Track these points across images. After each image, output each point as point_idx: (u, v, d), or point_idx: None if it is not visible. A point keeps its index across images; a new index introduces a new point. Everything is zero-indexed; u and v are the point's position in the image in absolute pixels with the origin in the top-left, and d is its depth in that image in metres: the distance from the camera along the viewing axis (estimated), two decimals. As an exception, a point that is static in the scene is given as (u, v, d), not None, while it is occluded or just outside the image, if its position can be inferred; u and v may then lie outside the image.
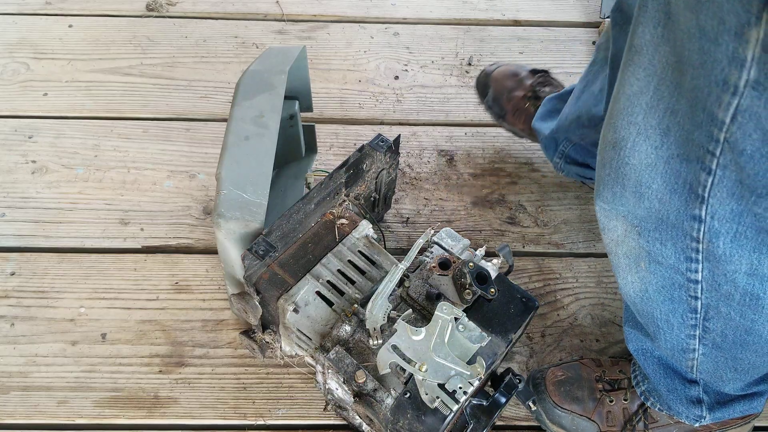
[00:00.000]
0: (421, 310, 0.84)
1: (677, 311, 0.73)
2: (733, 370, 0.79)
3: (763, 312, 0.68)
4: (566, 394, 0.97)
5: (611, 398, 0.96)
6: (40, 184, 1.24)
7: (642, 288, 0.74)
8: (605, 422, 0.95)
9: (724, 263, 0.64)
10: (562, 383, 0.98)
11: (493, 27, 1.55)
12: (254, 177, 0.89)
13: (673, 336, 0.77)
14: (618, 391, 0.96)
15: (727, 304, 0.69)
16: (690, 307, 0.72)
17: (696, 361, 0.79)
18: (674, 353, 0.80)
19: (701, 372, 0.81)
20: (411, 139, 1.34)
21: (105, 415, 1.00)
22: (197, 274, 1.14)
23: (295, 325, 0.85)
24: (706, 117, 0.56)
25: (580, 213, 1.25)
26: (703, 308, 0.71)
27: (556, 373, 0.99)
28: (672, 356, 0.82)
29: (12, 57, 1.42)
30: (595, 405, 0.96)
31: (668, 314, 0.74)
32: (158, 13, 1.52)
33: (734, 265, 0.64)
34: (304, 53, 1.05)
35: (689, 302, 0.72)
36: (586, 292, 1.15)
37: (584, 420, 0.96)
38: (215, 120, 1.35)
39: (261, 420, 1.00)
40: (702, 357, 0.78)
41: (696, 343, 0.76)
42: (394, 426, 0.76)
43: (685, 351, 0.78)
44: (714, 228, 0.62)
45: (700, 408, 0.87)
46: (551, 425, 0.98)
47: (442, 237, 0.92)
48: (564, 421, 0.97)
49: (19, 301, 1.10)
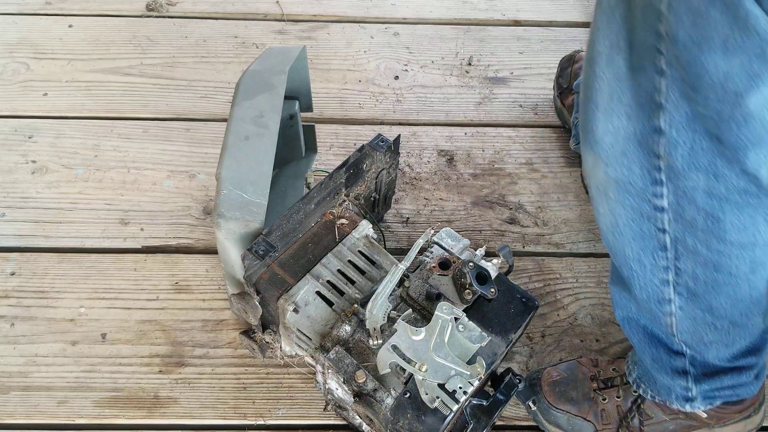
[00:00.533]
0: (421, 310, 0.84)
1: (648, 248, 0.74)
2: (712, 328, 0.79)
3: (726, 240, 0.69)
4: (561, 395, 0.97)
5: (604, 396, 0.96)
6: (40, 184, 1.24)
7: (613, 222, 0.75)
8: (600, 421, 0.96)
9: (684, 179, 0.65)
10: (557, 384, 0.98)
11: (493, 27, 1.55)
12: (254, 177, 0.89)
13: (647, 281, 0.77)
14: (611, 389, 0.96)
15: (693, 234, 0.70)
16: (659, 243, 0.73)
17: (674, 318, 0.79)
18: (651, 305, 0.80)
19: (681, 333, 0.81)
20: (411, 139, 1.34)
21: (105, 415, 1.00)
22: (197, 274, 1.14)
23: (295, 325, 0.85)
24: (651, 12, 0.58)
25: (580, 213, 1.25)
26: (672, 244, 0.72)
27: (551, 374, 0.99)
28: (650, 312, 0.81)
29: (12, 57, 1.42)
30: (589, 405, 0.96)
31: (639, 253, 0.75)
32: (158, 13, 1.52)
33: (693, 180, 0.65)
34: (304, 53, 1.05)
35: (658, 237, 0.72)
36: (586, 292, 1.15)
37: (580, 420, 0.96)
38: (215, 120, 1.35)
39: (261, 420, 1.00)
40: (679, 312, 0.78)
41: (670, 291, 0.76)
42: (394, 426, 0.76)
43: (661, 302, 0.78)
44: (673, 138, 0.63)
45: (686, 379, 0.86)
46: (548, 425, 0.98)
47: (442, 237, 0.92)
48: (560, 422, 0.97)
49: (19, 301, 1.10)
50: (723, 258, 0.71)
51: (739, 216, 0.67)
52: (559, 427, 0.97)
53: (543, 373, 1.00)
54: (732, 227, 0.67)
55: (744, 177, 0.63)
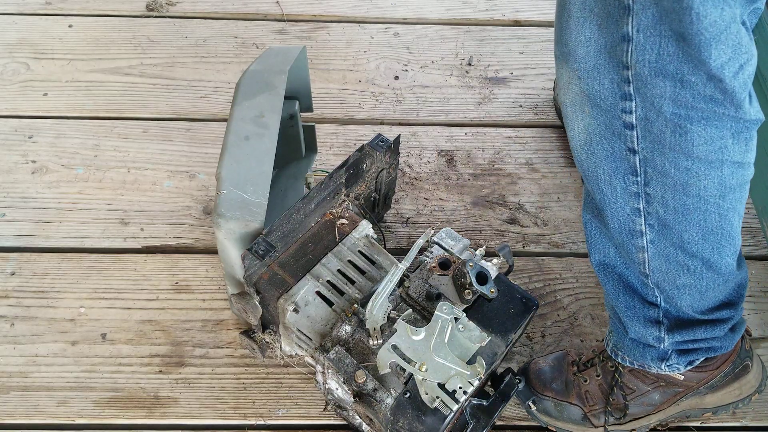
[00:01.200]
0: (421, 310, 0.84)
1: (619, 171, 0.74)
2: (685, 269, 0.79)
3: (693, 155, 0.69)
4: (545, 382, 0.98)
5: (585, 378, 0.97)
6: (40, 184, 1.24)
7: (587, 139, 0.75)
8: (587, 403, 0.96)
9: (652, 86, 0.66)
10: (542, 372, 0.99)
11: (493, 27, 1.55)
12: (254, 177, 0.89)
13: (618, 208, 0.77)
14: (589, 369, 0.97)
15: (662, 153, 0.70)
16: (630, 165, 0.73)
17: (647, 254, 0.79)
18: (623, 238, 0.80)
19: (654, 272, 0.80)
20: (411, 139, 1.34)
21: (105, 415, 1.00)
22: (197, 274, 1.14)
23: (295, 325, 0.85)
24: None
25: (580, 213, 1.25)
26: (641, 166, 0.72)
27: (538, 363, 1.01)
28: (623, 247, 0.81)
29: (12, 57, 1.42)
30: (571, 388, 0.97)
31: (611, 174, 0.75)
32: (158, 13, 1.52)
33: (660, 88, 0.65)
34: (304, 53, 1.05)
35: (628, 159, 0.73)
36: (586, 292, 1.15)
37: (566, 404, 0.97)
38: (215, 120, 1.35)
39: (261, 420, 1.00)
40: (651, 247, 0.78)
41: (642, 222, 0.77)
42: (394, 426, 0.76)
43: (633, 234, 0.78)
44: (640, 44, 0.64)
45: (659, 328, 0.86)
46: (539, 414, 0.99)
47: (442, 237, 0.93)
48: (548, 408, 0.98)
49: (19, 301, 1.10)
50: (691, 178, 0.71)
51: (705, 127, 0.67)
52: (548, 414, 0.98)
53: (531, 363, 1.01)
54: (699, 139, 0.68)
55: (710, 83, 0.64)
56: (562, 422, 0.98)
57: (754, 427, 1.02)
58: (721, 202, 0.73)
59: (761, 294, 1.15)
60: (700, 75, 0.63)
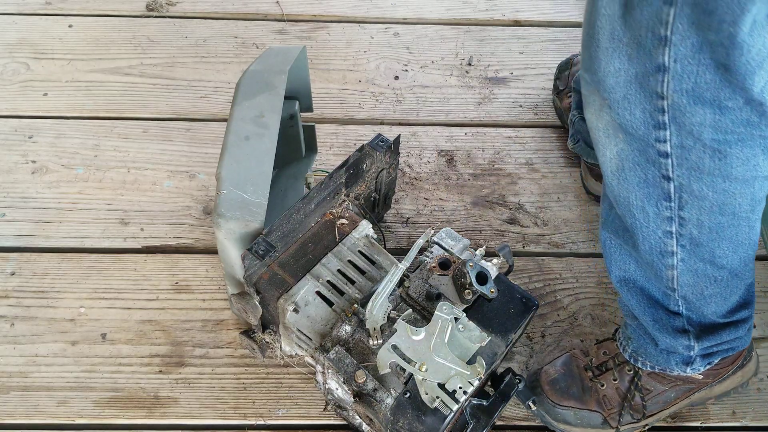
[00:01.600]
0: (421, 310, 0.84)
1: (652, 197, 0.74)
2: (713, 280, 0.80)
3: (731, 177, 0.69)
4: (562, 392, 0.98)
5: (602, 383, 0.97)
6: (40, 184, 1.24)
7: (619, 165, 0.75)
8: (605, 408, 0.96)
9: (690, 115, 0.65)
10: (556, 381, 0.99)
11: (493, 27, 1.55)
12: (254, 177, 0.89)
13: (650, 232, 0.77)
14: (605, 373, 0.97)
15: (699, 179, 0.70)
16: (663, 191, 0.73)
17: (676, 271, 0.79)
18: (653, 258, 0.80)
19: (682, 287, 0.81)
20: (411, 139, 1.34)
21: (105, 415, 1.00)
22: (197, 274, 1.14)
23: (295, 325, 0.85)
24: None
25: (580, 213, 1.25)
26: (676, 193, 0.72)
27: (549, 372, 1.00)
28: (651, 266, 0.81)
29: (12, 57, 1.42)
30: (590, 395, 0.97)
31: (643, 200, 0.75)
32: (158, 13, 1.52)
33: (699, 116, 0.65)
34: (304, 53, 1.05)
35: (662, 185, 0.72)
36: (586, 292, 1.15)
37: (586, 412, 0.97)
38: (215, 120, 1.35)
39: (261, 420, 1.00)
40: (681, 265, 0.79)
41: (674, 243, 0.77)
42: (394, 426, 0.76)
43: (664, 254, 0.78)
44: (677, 73, 0.63)
45: (687, 337, 0.87)
46: (557, 424, 0.98)
47: (442, 237, 0.92)
48: (568, 418, 0.97)
49: (19, 301, 1.10)
50: (728, 198, 0.71)
51: (743, 149, 0.67)
52: (567, 423, 0.98)
53: (541, 373, 1.00)
54: (737, 161, 0.68)
55: (747, 107, 0.64)
56: (581, 428, 0.98)
57: (754, 427, 1.03)
58: (751, 215, 0.74)
59: (761, 294, 1.15)
60: (737, 100, 0.63)
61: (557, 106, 1.37)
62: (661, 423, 1.02)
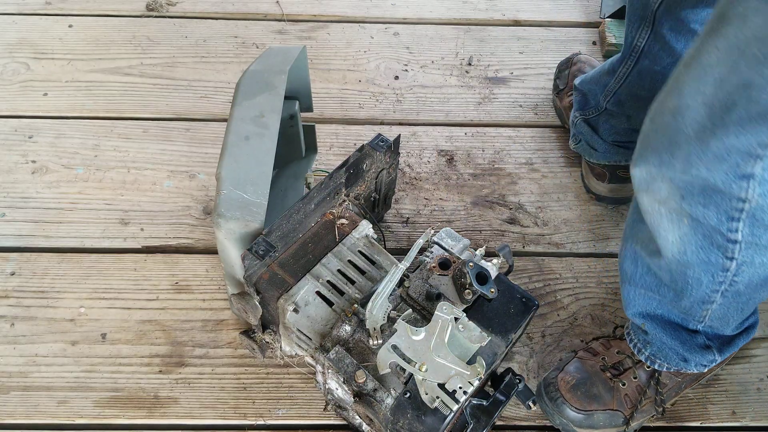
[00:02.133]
0: (421, 310, 0.84)
1: (710, 271, 0.75)
2: (740, 312, 0.82)
3: None
4: (585, 396, 0.97)
5: (623, 382, 0.97)
6: (40, 184, 1.24)
7: (681, 249, 0.75)
8: (626, 407, 0.97)
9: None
10: (577, 387, 0.97)
11: (493, 27, 1.55)
12: (254, 177, 0.89)
13: (700, 292, 0.79)
14: (625, 373, 0.98)
15: (762, 254, 0.71)
16: (723, 267, 0.74)
17: (709, 312, 0.82)
18: (693, 306, 0.82)
19: (711, 320, 0.84)
20: (411, 139, 1.34)
21: (105, 415, 1.00)
22: (197, 274, 1.14)
23: (295, 325, 0.85)
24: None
25: (580, 213, 1.25)
26: (738, 267, 0.73)
27: (566, 379, 0.98)
28: (687, 310, 0.83)
29: (12, 57, 1.42)
30: (613, 394, 0.97)
31: (701, 273, 0.76)
32: (158, 13, 1.52)
33: None
34: (304, 53, 1.05)
35: (723, 264, 0.73)
36: (586, 292, 1.15)
37: (608, 413, 0.96)
38: (215, 120, 1.35)
39: (261, 420, 1.00)
40: (717, 307, 0.80)
41: (718, 296, 0.79)
42: (394, 426, 0.76)
43: (705, 303, 0.80)
44: (765, 180, 0.62)
45: (712, 353, 0.91)
46: (581, 431, 0.97)
47: (442, 237, 0.92)
48: (592, 422, 0.97)
49: (19, 301, 1.10)
50: None
51: None
52: (592, 427, 0.97)
53: (558, 382, 0.98)
54: None
55: None
56: (604, 429, 0.98)
57: (754, 427, 1.03)
58: None
59: (761, 294, 1.15)
60: None
61: (557, 105, 1.37)
62: (662, 423, 1.02)
